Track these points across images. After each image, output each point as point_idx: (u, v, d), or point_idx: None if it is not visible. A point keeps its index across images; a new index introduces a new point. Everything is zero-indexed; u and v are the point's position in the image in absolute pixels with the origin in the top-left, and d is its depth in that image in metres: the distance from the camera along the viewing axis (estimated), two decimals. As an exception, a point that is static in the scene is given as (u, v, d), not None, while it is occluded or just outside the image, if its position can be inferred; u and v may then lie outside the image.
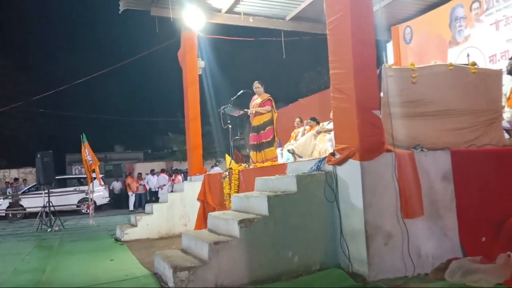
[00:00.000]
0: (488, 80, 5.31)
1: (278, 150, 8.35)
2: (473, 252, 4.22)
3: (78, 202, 17.89)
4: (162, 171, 21.13)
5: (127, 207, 19.32)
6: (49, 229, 10.87)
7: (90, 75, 14.19)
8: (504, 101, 5.80)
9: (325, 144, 7.43)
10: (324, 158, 4.75)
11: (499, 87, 5.44)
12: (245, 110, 8.33)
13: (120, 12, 9.66)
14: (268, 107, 8.04)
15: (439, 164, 4.47)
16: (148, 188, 19.69)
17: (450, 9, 9.95)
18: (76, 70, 26.82)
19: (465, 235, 4.40)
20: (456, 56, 9.60)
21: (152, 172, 20.08)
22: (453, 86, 5.01)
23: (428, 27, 10.65)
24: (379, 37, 11.31)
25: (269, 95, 8.17)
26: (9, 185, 19.57)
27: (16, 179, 20.47)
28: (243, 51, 26.23)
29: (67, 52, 36.04)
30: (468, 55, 8.88)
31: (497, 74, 5.53)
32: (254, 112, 8.13)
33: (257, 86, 8.22)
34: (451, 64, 5.17)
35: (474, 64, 5.50)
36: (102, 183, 17.33)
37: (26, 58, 34.05)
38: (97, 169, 13.37)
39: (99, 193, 18.28)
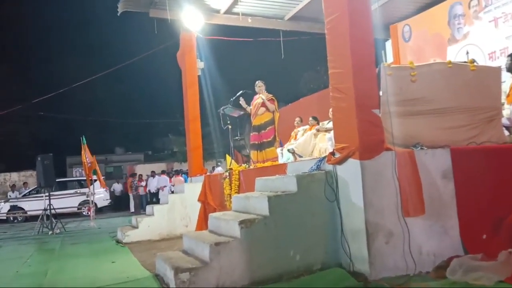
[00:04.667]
0: (488, 77, 5.31)
1: (279, 150, 8.35)
2: (474, 250, 4.21)
3: (79, 204, 17.89)
4: (163, 172, 21.09)
5: (128, 209, 19.29)
6: (50, 232, 10.89)
7: (90, 78, 14.20)
8: (503, 98, 5.80)
9: (325, 143, 7.42)
10: (324, 158, 4.75)
11: (499, 84, 5.44)
12: (247, 107, 8.30)
13: (118, 14, 9.66)
14: (272, 106, 8.05)
15: (439, 162, 4.46)
16: (148, 189, 19.66)
17: (448, 7, 9.93)
18: (76, 72, 26.91)
19: (466, 233, 4.39)
20: (455, 54, 9.59)
21: (152, 174, 20.02)
22: (452, 84, 5.01)
23: (427, 25, 10.63)
24: (377, 35, 11.26)
25: (272, 95, 8.18)
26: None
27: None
28: (242, 51, 26.27)
29: (66, 55, 36.16)
30: (467, 53, 8.86)
31: (496, 71, 5.52)
32: (260, 110, 8.09)
33: (259, 85, 8.22)
34: (450, 62, 5.18)
35: (473, 61, 5.50)
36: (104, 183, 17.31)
37: (25, 61, 34.11)
38: (99, 171, 13.36)
39: (100, 195, 18.27)
